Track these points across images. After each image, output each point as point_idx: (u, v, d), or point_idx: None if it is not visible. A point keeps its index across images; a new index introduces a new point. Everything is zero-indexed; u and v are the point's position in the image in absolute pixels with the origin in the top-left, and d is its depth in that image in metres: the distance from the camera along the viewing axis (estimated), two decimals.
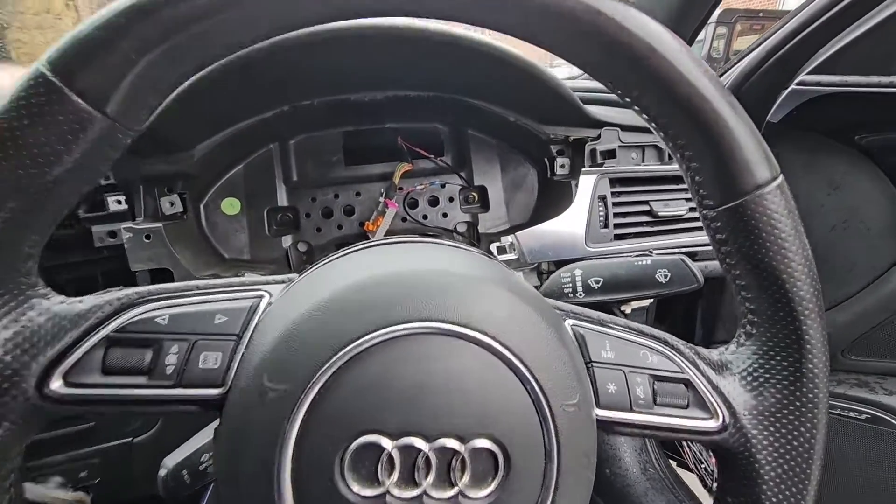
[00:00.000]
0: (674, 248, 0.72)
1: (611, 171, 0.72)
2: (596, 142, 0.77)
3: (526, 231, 0.71)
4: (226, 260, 0.81)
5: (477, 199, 0.93)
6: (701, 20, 0.91)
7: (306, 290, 0.30)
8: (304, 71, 0.68)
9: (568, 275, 0.52)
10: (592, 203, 0.71)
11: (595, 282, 0.51)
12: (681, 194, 0.74)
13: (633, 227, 0.72)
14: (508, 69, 0.64)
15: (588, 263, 0.52)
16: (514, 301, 0.29)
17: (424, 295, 0.27)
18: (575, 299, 0.52)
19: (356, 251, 0.34)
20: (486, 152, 0.92)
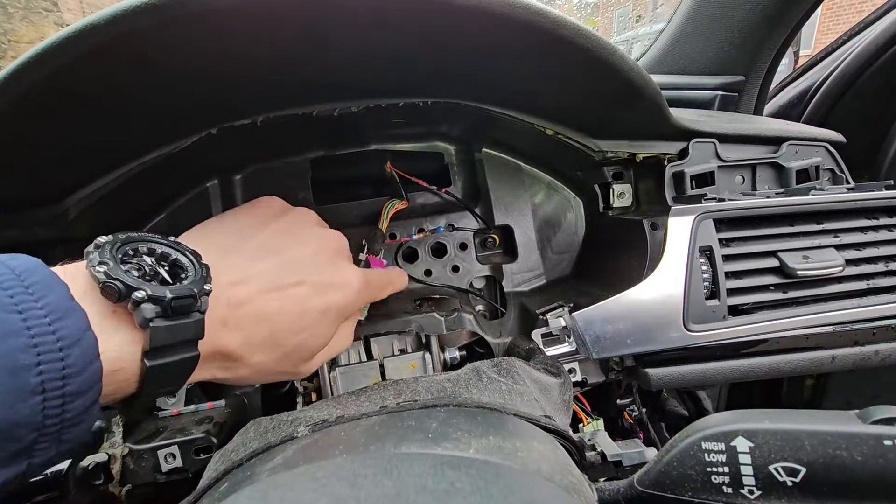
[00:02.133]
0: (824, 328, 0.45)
1: (717, 208, 0.45)
2: (681, 161, 0.51)
3: (589, 310, 0.45)
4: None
5: (499, 243, 0.67)
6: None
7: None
8: (234, 73, 0.42)
9: (719, 447, 0.26)
10: (691, 259, 0.44)
11: (787, 471, 0.25)
12: (826, 238, 0.47)
13: (755, 295, 0.45)
14: (553, 51, 0.38)
15: (769, 429, 0.25)
16: None
17: None
18: (735, 501, 0.25)
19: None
20: (509, 178, 0.66)
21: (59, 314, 0.24)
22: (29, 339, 0.23)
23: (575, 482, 0.25)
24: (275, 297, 0.36)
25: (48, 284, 0.25)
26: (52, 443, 0.25)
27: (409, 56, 0.44)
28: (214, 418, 0.46)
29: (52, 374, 0.23)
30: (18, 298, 0.24)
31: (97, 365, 0.25)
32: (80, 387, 0.25)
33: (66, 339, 0.24)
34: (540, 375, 0.44)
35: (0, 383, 0.22)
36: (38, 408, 0.23)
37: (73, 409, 0.25)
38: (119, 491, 0.41)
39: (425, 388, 0.38)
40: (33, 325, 0.24)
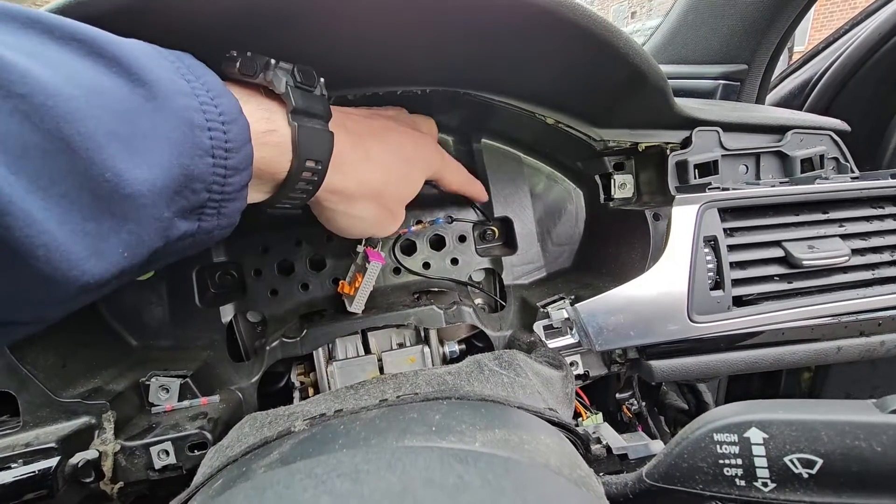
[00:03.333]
0: (829, 318, 0.44)
1: (722, 197, 0.44)
2: (685, 150, 0.50)
3: (592, 301, 0.44)
4: (132, 350, 0.54)
5: (498, 235, 0.66)
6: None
7: None
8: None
9: (732, 438, 0.25)
10: (696, 249, 0.43)
11: (803, 463, 0.24)
12: (832, 228, 0.46)
13: (759, 286, 0.45)
14: (555, 33, 0.37)
15: (783, 419, 0.25)
16: None
17: None
18: (749, 494, 0.25)
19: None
20: (508, 169, 0.65)
21: (217, 92, 0.27)
22: (198, 104, 0.26)
23: (584, 476, 0.24)
24: (378, 127, 0.44)
25: (203, 69, 0.28)
26: (216, 211, 0.28)
27: (407, 41, 0.43)
28: (209, 414, 0.45)
29: (219, 143, 0.26)
30: (183, 70, 0.27)
31: (250, 148, 0.29)
32: (238, 163, 0.28)
33: (226, 115, 0.27)
34: (542, 368, 0.43)
35: (184, 136, 0.25)
36: (210, 169, 0.26)
37: (232, 183, 0.28)
38: (111, 488, 0.40)
39: (426, 381, 0.37)
40: (200, 93, 0.26)
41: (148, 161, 0.23)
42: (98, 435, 0.41)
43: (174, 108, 0.25)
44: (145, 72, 0.24)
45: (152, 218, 0.24)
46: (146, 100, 0.24)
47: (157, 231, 0.25)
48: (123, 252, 0.24)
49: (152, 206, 0.24)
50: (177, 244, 0.27)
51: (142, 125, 0.23)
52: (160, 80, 0.24)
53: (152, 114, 0.24)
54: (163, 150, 0.24)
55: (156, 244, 0.25)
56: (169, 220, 0.25)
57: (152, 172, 0.23)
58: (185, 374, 0.48)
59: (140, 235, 0.24)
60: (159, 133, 0.24)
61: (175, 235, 0.26)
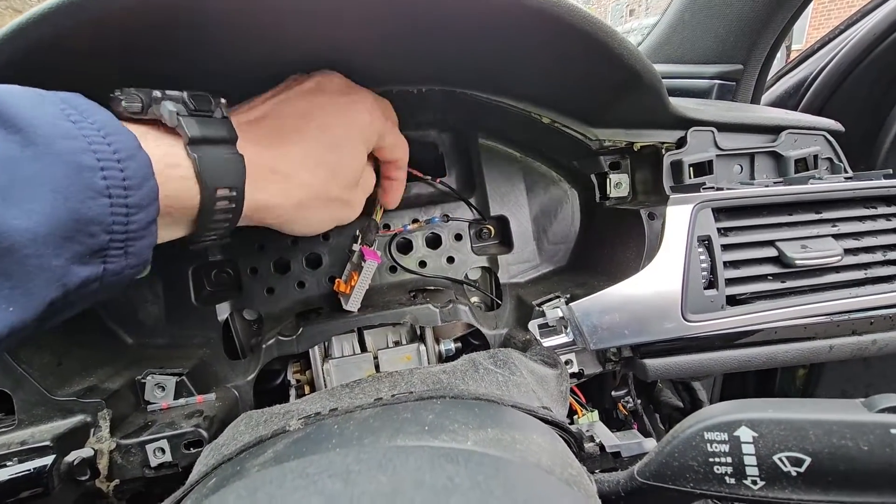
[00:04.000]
0: (822, 317, 0.44)
1: (716, 196, 0.44)
2: (679, 150, 0.50)
3: (587, 300, 0.44)
4: (128, 349, 0.54)
5: (494, 234, 0.66)
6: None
7: None
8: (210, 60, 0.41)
9: (722, 437, 0.25)
10: (690, 248, 0.44)
11: (791, 461, 0.24)
12: (824, 228, 0.46)
13: (753, 285, 0.45)
14: (552, 35, 0.37)
15: (772, 418, 0.25)
16: None
17: None
18: (738, 492, 0.25)
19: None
20: (504, 168, 0.65)
21: (109, 130, 0.26)
22: (86, 144, 0.25)
23: (575, 474, 0.24)
24: (295, 120, 0.40)
25: (94, 108, 0.27)
26: (122, 252, 0.27)
27: (401, 40, 0.43)
28: (205, 412, 0.45)
29: (115, 181, 0.26)
30: (69, 112, 0.26)
31: (153, 183, 0.28)
32: (141, 200, 0.27)
33: (122, 153, 0.26)
34: (537, 367, 0.44)
35: (69, 179, 0.24)
36: (107, 210, 0.25)
37: (136, 220, 0.27)
38: (107, 486, 0.40)
39: (421, 379, 0.37)
40: (88, 133, 0.25)
41: (27, 210, 0.22)
42: (94, 433, 0.41)
43: (57, 152, 0.24)
44: (19, 118, 0.23)
45: (39, 269, 0.23)
46: (22, 146, 0.23)
47: (49, 281, 0.24)
48: (9, 308, 0.23)
49: (37, 257, 0.23)
50: (80, 291, 0.26)
51: (19, 173, 0.23)
52: (37, 125, 0.24)
53: (32, 160, 0.23)
54: (45, 196, 0.23)
55: (51, 295, 0.24)
56: (63, 269, 0.24)
57: (32, 221, 0.22)
58: (181, 372, 0.48)
59: (28, 289, 0.23)
60: (40, 179, 0.23)
61: (75, 283, 0.25)
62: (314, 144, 0.40)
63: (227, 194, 0.33)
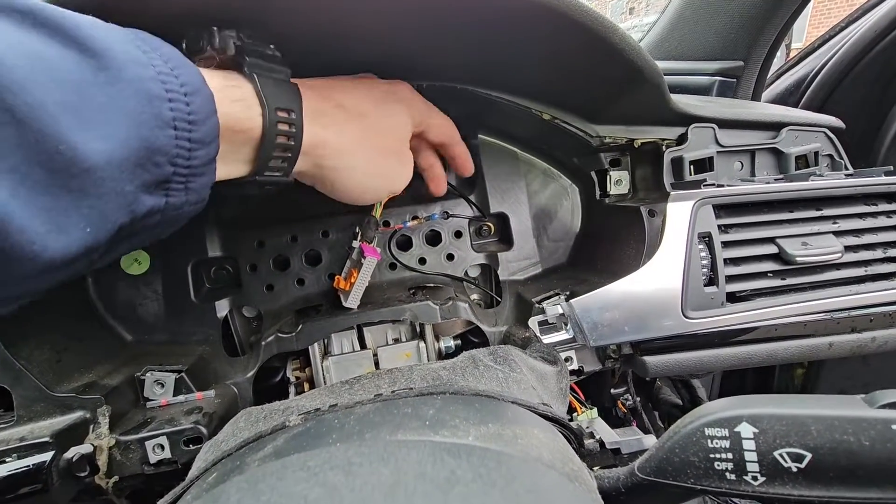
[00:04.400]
0: (821, 314, 0.44)
1: (717, 193, 0.44)
2: (680, 147, 0.50)
3: (587, 297, 0.44)
4: (127, 345, 0.54)
5: (494, 231, 0.66)
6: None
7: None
8: None
9: (723, 433, 0.25)
10: (690, 245, 0.44)
11: (792, 457, 0.24)
12: (825, 225, 0.46)
13: (753, 282, 0.45)
14: (552, 30, 0.37)
15: (773, 414, 0.25)
16: None
17: None
18: (739, 488, 0.25)
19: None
20: (504, 165, 0.65)
21: (176, 63, 0.26)
22: (155, 74, 0.25)
23: (576, 469, 0.24)
24: (343, 83, 0.42)
25: (160, 42, 0.27)
26: (183, 186, 0.27)
27: (403, 35, 0.42)
28: (204, 408, 0.45)
29: (181, 114, 0.26)
30: (139, 43, 0.26)
31: (215, 120, 0.28)
32: (204, 136, 0.27)
33: (188, 86, 0.26)
34: (536, 364, 0.44)
35: (141, 106, 0.24)
36: (173, 142, 0.25)
37: (198, 156, 0.27)
38: (106, 483, 0.40)
39: (420, 376, 0.37)
40: (157, 63, 0.25)
41: (104, 133, 0.23)
42: (93, 429, 0.41)
43: (129, 78, 0.24)
44: (94, 41, 0.23)
45: (114, 192, 0.24)
46: (98, 70, 0.23)
47: (121, 206, 0.24)
48: (86, 227, 0.23)
49: (112, 180, 0.23)
50: (145, 221, 0.27)
51: (95, 96, 0.23)
52: (111, 50, 0.24)
53: (105, 85, 0.23)
54: (119, 121, 0.23)
55: (121, 220, 0.25)
56: (133, 195, 0.25)
57: (109, 145, 0.23)
58: (181, 368, 0.48)
59: (102, 211, 0.23)
60: (114, 104, 0.23)
61: (141, 211, 0.26)
62: (362, 94, 0.42)
63: (287, 117, 0.33)
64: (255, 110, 0.31)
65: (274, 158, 0.33)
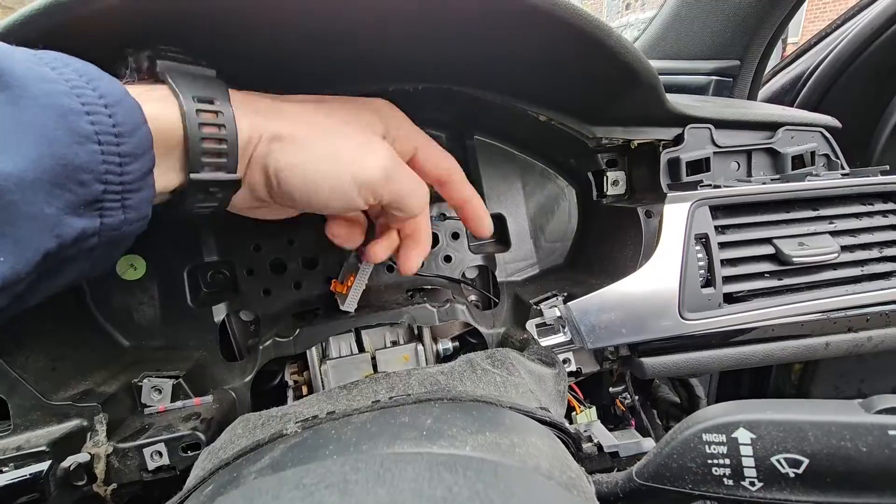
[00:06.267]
0: (818, 314, 0.44)
1: (713, 194, 0.44)
2: (677, 148, 0.50)
3: (584, 299, 0.44)
4: (124, 351, 0.54)
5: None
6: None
7: None
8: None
9: (720, 439, 0.25)
10: (687, 247, 0.44)
11: (789, 463, 0.24)
12: (822, 225, 0.46)
13: (750, 283, 0.45)
14: (547, 33, 0.37)
15: (771, 420, 0.25)
16: None
17: None
18: (736, 493, 0.25)
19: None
20: (501, 166, 0.65)
21: (92, 76, 0.25)
22: (68, 88, 0.24)
23: (574, 477, 0.24)
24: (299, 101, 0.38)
25: (71, 59, 0.26)
26: (119, 204, 0.26)
27: (400, 39, 0.42)
28: (202, 414, 0.45)
29: (104, 127, 0.24)
30: (46, 59, 0.25)
31: (146, 130, 0.26)
32: (135, 148, 0.26)
33: (108, 98, 0.25)
34: (534, 366, 0.44)
35: (53, 122, 0.23)
36: (98, 157, 0.24)
37: (131, 171, 0.26)
38: (104, 490, 0.40)
39: (418, 381, 0.37)
40: (70, 77, 0.24)
41: (11, 154, 0.21)
42: (90, 437, 0.41)
43: (35, 95, 0.23)
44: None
45: (28, 216, 0.22)
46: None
47: (40, 230, 0.23)
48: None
49: (25, 203, 0.22)
50: (79, 245, 0.25)
51: (0, 119, 0.22)
52: (14, 69, 0.23)
53: (9, 105, 0.22)
54: (28, 141, 0.22)
55: (45, 246, 0.23)
56: (55, 218, 0.23)
57: (18, 165, 0.21)
58: (178, 374, 0.48)
59: (17, 237, 0.22)
60: (21, 124, 0.22)
61: (71, 235, 0.24)
62: (317, 100, 0.39)
63: (210, 107, 0.30)
64: (172, 106, 0.29)
65: (206, 154, 0.30)
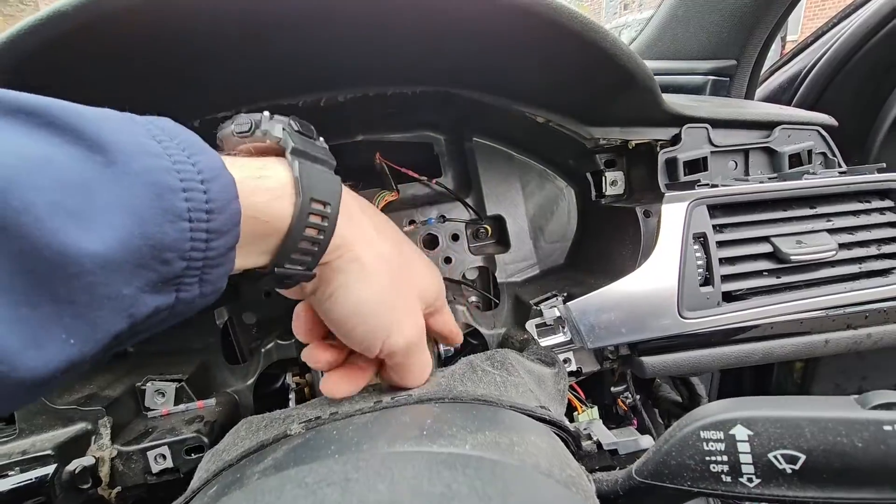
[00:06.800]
0: (817, 312, 0.45)
1: (711, 194, 0.45)
2: (674, 148, 0.50)
3: (584, 299, 0.44)
4: (128, 355, 0.54)
5: (491, 233, 0.66)
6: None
7: None
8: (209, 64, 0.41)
9: (718, 436, 0.26)
10: (685, 246, 0.44)
11: (787, 459, 0.25)
12: (819, 223, 0.46)
13: (748, 281, 0.45)
14: (543, 36, 0.37)
15: (768, 416, 0.25)
16: None
17: None
18: (735, 490, 0.25)
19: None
20: (500, 167, 0.65)
21: (195, 150, 0.25)
22: (170, 164, 0.24)
23: (573, 475, 0.24)
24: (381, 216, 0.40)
25: (180, 129, 0.26)
26: (197, 279, 0.26)
27: (399, 43, 0.43)
28: (205, 417, 0.45)
29: (197, 204, 0.24)
30: (156, 132, 0.25)
31: (236, 206, 0.26)
32: (223, 225, 0.25)
33: (206, 173, 0.25)
34: (534, 366, 0.44)
35: (149, 201, 0.22)
36: (186, 235, 0.24)
37: (215, 247, 0.25)
38: (109, 493, 0.40)
39: None
40: (173, 152, 0.24)
41: (101, 234, 0.21)
42: (95, 441, 0.41)
43: (137, 171, 0.22)
44: (104, 135, 0.22)
45: (105, 298, 0.22)
46: (104, 166, 0.22)
47: (115, 311, 0.22)
48: (69, 339, 0.21)
49: (104, 286, 0.21)
50: (149, 321, 0.24)
51: (99, 194, 0.21)
52: (122, 143, 0.22)
53: (111, 181, 0.22)
54: (121, 220, 0.22)
55: (117, 327, 0.22)
56: (132, 298, 0.23)
57: (105, 246, 0.21)
58: (181, 377, 0.48)
59: (91, 319, 0.21)
60: (119, 201, 0.22)
61: (143, 313, 0.23)
62: (395, 231, 0.40)
63: (322, 210, 0.30)
64: (287, 200, 0.29)
65: (297, 251, 0.30)
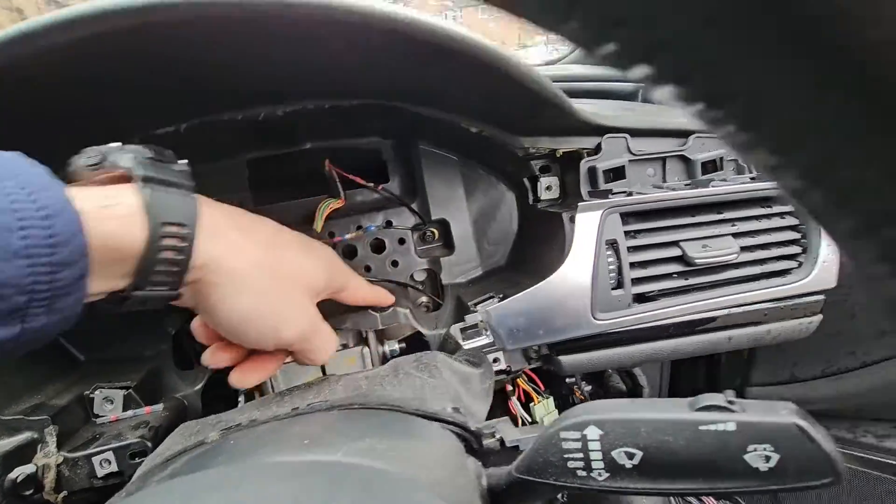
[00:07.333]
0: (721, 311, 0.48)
1: (623, 202, 0.48)
2: (595, 157, 0.53)
3: (503, 304, 0.48)
4: (80, 364, 0.56)
5: (437, 236, 0.69)
6: None
7: None
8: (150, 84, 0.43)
9: (575, 436, 0.29)
10: (598, 251, 0.47)
11: (627, 455, 0.28)
12: (725, 227, 0.50)
13: (658, 283, 0.49)
14: (463, 62, 0.39)
15: (614, 418, 0.29)
16: None
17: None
18: (588, 483, 0.29)
19: None
20: (444, 172, 0.67)
21: (37, 187, 0.26)
22: (7, 203, 0.24)
23: (446, 475, 0.27)
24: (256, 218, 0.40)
25: (23, 167, 0.26)
26: (44, 310, 0.26)
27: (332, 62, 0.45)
28: (150, 422, 0.48)
29: (38, 241, 0.25)
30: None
31: (80, 239, 0.27)
32: (68, 257, 0.26)
33: (50, 209, 0.25)
34: (461, 367, 0.47)
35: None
36: (24, 271, 0.24)
37: (62, 278, 0.26)
38: (55, 498, 0.43)
39: (343, 386, 0.41)
40: (11, 192, 0.25)
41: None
42: (41, 449, 0.43)
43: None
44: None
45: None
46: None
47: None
48: None
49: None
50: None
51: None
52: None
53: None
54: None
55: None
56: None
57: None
58: (129, 385, 0.50)
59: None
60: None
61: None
62: (273, 229, 0.41)
63: (177, 231, 0.30)
64: (138, 226, 0.29)
65: (156, 273, 0.31)
